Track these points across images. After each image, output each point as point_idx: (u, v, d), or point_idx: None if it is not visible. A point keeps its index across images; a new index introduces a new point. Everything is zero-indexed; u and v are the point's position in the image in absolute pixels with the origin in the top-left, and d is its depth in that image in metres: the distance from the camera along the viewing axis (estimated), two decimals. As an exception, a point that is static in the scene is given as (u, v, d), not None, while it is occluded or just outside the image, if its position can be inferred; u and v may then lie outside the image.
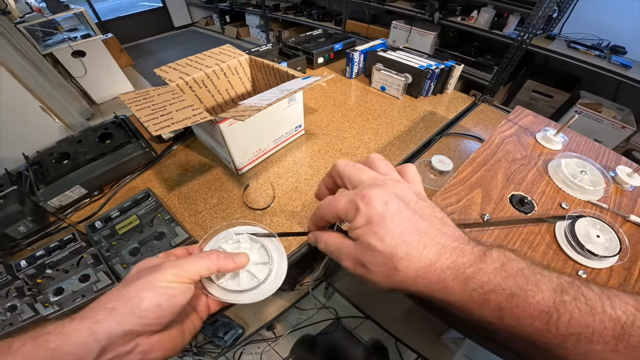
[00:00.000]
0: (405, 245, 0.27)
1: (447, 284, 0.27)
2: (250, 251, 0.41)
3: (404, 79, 1.14)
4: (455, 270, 0.26)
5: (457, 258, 0.27)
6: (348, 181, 0.34)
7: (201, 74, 0.89)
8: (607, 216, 0.59)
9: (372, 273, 0.29)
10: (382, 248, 0.28)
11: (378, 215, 0.28)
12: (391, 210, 0.28)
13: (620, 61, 1.97)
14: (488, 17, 2.32)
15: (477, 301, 0.26)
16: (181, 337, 0.34)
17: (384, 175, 0.33)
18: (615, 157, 0.75)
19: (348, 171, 0.34)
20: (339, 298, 1.61)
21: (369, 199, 0.29)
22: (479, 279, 0.26)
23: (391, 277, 0.28)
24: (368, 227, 0.29)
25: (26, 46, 2.52)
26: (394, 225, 0.28)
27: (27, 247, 0.74)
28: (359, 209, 0.29)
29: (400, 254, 0.27)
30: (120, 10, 5.39)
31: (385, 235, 0.28)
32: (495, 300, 0.25)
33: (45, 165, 0.83)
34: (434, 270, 0.27)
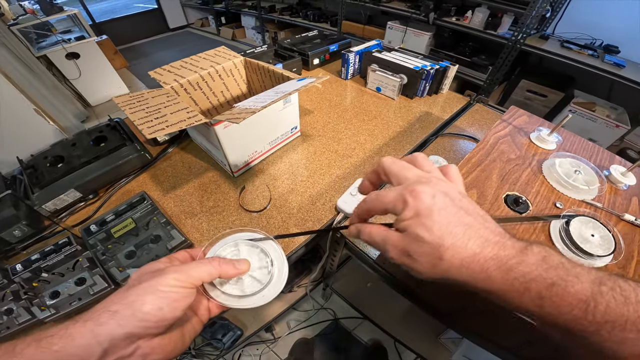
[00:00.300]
0: (451, 236, 0.29)
1: (490, 273, 0.28)
2: (250, 257, 0.42)
3: (399, 80, 1.15)
4: (498, 261, 0.28)
5: (500, 251, 0.28)
6: (394, 177, 0.35)
7: (196, 76, 0.89)
8: (601, 215, 0.60)
9: (418, 263, 0.31)
10: (430, 239, 0.29)
11: (426, 209, 0.30)
12: (438, 204, 0.30)
13: (613, 60, 1.98)
14: (482, 17, 2.33)
15: (519, 290, 0.27)
16: (181, 340, 0.35)
17: (428, 173, 0.35)
18: (609, 156, 0.76)
19: (394, 168, 0.35)
20: (337, 299, 1.61)
21: (417, 193, 0.31)
22: (521, 269, 0.27)
23: (436, 266, 0.30)
24: (416, 219, 0.30)
25: (20, 48, 2.50)
26: (441, 217, 0.29)
27: (23, 251, 0.74)
28: (408, 202, 0.31)
29: (446, 244, 0.29)
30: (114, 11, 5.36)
31: (433, 226, 0.29)
32: (535, 289, 0.26)
33: (39, 168, 0.83)
34: (477, 261, 0.28)
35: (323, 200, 0.81)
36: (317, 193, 0.83)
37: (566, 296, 0.25)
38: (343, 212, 0.76)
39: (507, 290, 0.27)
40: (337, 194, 0.82)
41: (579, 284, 0.26)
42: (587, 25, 2.23)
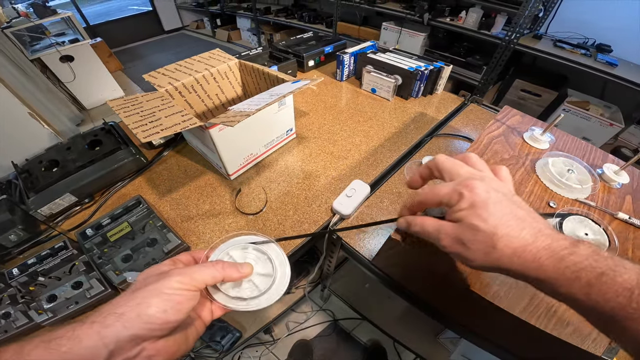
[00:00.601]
0: (505, 226, 0.31)
1: (542, 262, 0.29)
2: (253, 260, 0.42)
3: (394, 81, 1.15)
4: (551, 251, 0.29)
5: (552, 242, 0.30)
6: (447, 173, 0.37)
7: (190, 79, 0.89)
8: (595, 214, 0.60)
9: (470, 251, 0.32)
10: (485, 228, 0.31)
11: (481, 201, 0.32)
12: (493, 198, 0.32)
13: (606, 59, 2.00)
14: (476, 17, 2.35)
15: (569, 278, 0.28)
16: (185, 342, 0.35)
17: (480, 171, 0.37)
18: (602, 155, 0.76)
19: (448, 165, 0.38)
20: (336, 300, 1.61)
21: (472, 187, 0.33)
22: (573, 259, 0.28)
23: (489, 254, 0.31)
24: (472, 210, 0.32)
25: (13, 51, 2.49)
26: (495, 209, 0.31)
27: (19, 255, 0.74)
28: (463, 195, 0.33)
29: (500, 234, 0.31)
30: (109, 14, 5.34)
31: (489, 217, 0.31)
32: (585, 278, 0.27)
33: (34, 173, 0.82)
34: (530, 250, 0.30)
35: (319, 202, 0.81)
36: (313, 195, 0.83)
37: (613, 285, 0.26)
38: (339, 214, 0.76)
39: (558, 278, 0.29)
40: (333, 195, 0.82)
41: (627, 273, 0.27)
42: (580, 24, 2.25)
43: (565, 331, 0.44)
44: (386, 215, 0.77)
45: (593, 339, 0.43)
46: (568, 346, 0.43)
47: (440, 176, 0.39)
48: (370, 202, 0.81)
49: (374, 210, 0.79)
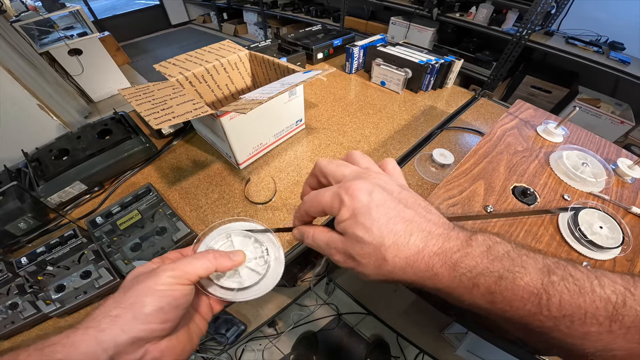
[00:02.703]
0: (392, 234, 0.27)
1: (437, 270, 0.27)
2: (244, 248, 0.40)
3: (403, 74, 1.14)
4: (443, 256, 0.27)
5: (444, 243, 0.27)
6: (332, 177, 0.34)
7: (201, 69, 0.89)
8: (609, 208, 0.59)
9: (362, 265, 0.29)
10: (370, 239, 0.28)
11: (363, 207, 0.28)
12: (376, 201, 0.28)
13: (618, 57, 1.97)
14: (487, 13, 2.32)
15: (467, 286, 0.26)
16: (189, 341, 0.34)
17: (366, 169, 0.33)
18: (615, 150, 0.75)
19: (331, 168, 0.34)
20: (341, 294, 1.61)
21: (352, 191, 0.29)
22: (467, 263, 0.26)
23: (381, 267, 0.28)
24: (354, 219, 0.28)
25: (22, 45, 2.50)
26: (379, 215, 0.28)
27: (28, 244, 0.74)
28: (344, 201, 0.29)
29: (387, 243, 0.27)
30: (116, 8, 5.34)
31: (372, 226, 0.28)
32: (484, 284, 0.25)
33: (44, 161, 0.83)
34: (422, 258, 0.27)
35: (328, 192, 0.81)
36: (323, 186, 0.83)
37: (516, 290, 0.24)
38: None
39: (456, 287, 0.26)
40: (343, 186, 0.82)
41: (527, 275, 0.24)
42: (593, 21, 2.22)
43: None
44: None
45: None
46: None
47: (327, 182, 0.35)
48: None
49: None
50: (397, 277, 0.28)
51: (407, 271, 0.27)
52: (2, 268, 0.61)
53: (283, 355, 1.47)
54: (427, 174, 0.85)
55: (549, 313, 0.23)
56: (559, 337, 0.24)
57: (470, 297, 0.26)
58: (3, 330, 0.57)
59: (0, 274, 0.61)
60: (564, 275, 0.24)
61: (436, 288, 0.28)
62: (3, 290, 0.60)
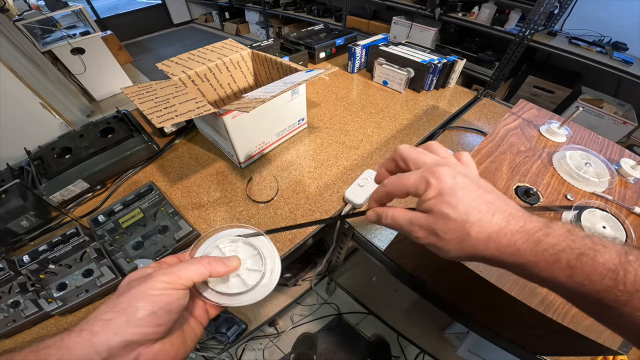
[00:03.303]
0: (476, 212, 0.30)
1: (519, 246, 0.28)
2: (241, 254, 0.41)
3: (406, 73, 1.14)
4: (525, 234, 0.28)
5: (526, 224, 0.29)
6: (412, 162, 0.36)
7: (203, 67, 0.89)
8: (612, 208, 0.59)
9: (445, 241, 0.31)
10: (455, 215, 0.30)
11: (449, 188, 0.31)
12: (460, 183, 0.31)
13: (621, 57, 1.96)
14: (489, 13, 2.31)
15: (549, 260, 0.27)
16: (183, 345, 0.34)
17: (444, 158, 0.36)
18: (619, 150, 0.75)
19: (412, 154, 0.36)
20: (341, 293, 1.61)
21: (439, 174, 0.31)
22: (549, 241, 0.28)
23: (463, 242, 0.30)
24: (440, 197, 0.31)
25: (25, 44, 2.50)
26: (464, 195, 0.30)
27: (30, 242, 0.74)
28: (430, 183, 0.31)
29: (472, 220, 0.29)
30: (118, 7, 5.34)
31: (458, 204, 0.30)
32: (565, 259, 0.27)
33: (47, 160, 0.83)
34: (504, 234, 0.29)
35: (330, 191, 0.81)
36: (325, 184, 0.83)
37: (596, 265, 0.26)
38: (351, 203, 0.75)
39: (537, 261, 0.28)
40: (345, 185, 0.82)
41: (607, 253, 0.26)
42: (596, 21, 2.21)
43: (583, 325, 0.43)
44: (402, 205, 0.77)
45: (609, 333, 0.42)
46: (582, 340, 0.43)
47: (405, 166, 0.37)
48: (382, 193, 0.80)
49: (386, 201, 0.78)
50: (478, 252, 0.30)
51: (490, 246, 0.29)
52: (4, 266, 0.62)
53: (283, 355, 1.47)
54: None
55: (625, 288, 0.25)
56: (630, 311, 0.25)
57: (551, 271, 0.28)
58: (5, 328, 0.57)
59: (2, 272, 0.61)
60: (638, 256, 0.26)
61: (516, 263, 0.29)
62: (5, 289, 0.60)
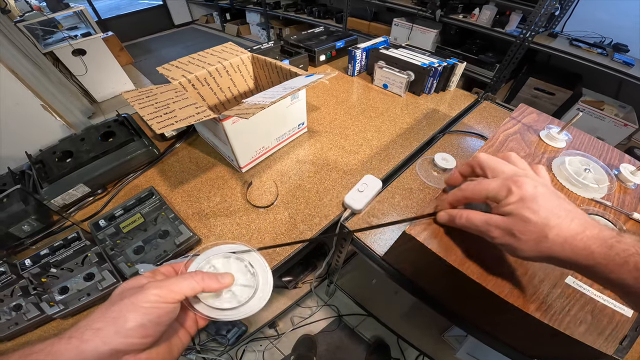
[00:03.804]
0: (556, 217, 0.33)
1: (593, 250, 0.31)
2: (233, 270, 0.41)
3: (406, 77, 1.14)
4: (601, 240, 0.31)
5: (601, 232, 0.32)
6: (490, 170, 0.40)
7: (204, 71, 0.89)
8: (610, 214, 0.59)
9: (522, 241, 0.35)
10: (536, 219, 0.34)
11: (531, 195, 0.35)
12: (541, 192, 0.35)
13: (622, 59, 1.96)
14: (490, 14, 2.31)
15: (618, 262, 0.30)
16: (169, 354, 0.35)
17: (523, 169, 0.40)
18: (618, 155, 0.75)
19: (491, 162, 0.40)
20: (342, 296, 1.61)
21: (521, 183, 0.35)
22: (621, 246, 0.30)
23: (540, 243, 0.34)
24: (521, 203, 0.35)
25: (26, 45, 2.51)
26: (545, 202, 0.34)
27: (31, 246, 0.74)
28: (512, 190, 0.36)
29: (552, 224, 0.33)
30: (120, 8, 5.36)
31: (539, 209, 0.34)
32: (633, 262, 0.29)
33: (48, 163, 0.83)
34: (580, 239, 0.32)
35: (330, 196, 0.81)
36: (325, 189, 0.83)
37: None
38: (350, 208, 0.75)
39: (607, 264, 0.31)
40: (345, 190, 0.82)
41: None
42: (597, 23, 2.21)
43: (578, 330, 0.43)
44: (398, 210, 0.77)
45: (605, 337, 0.43)
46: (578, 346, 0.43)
47: (483, 173, 0.41)
48: (382, 197, 0.80)
49: (386, 206, 0.78)
50: (554, 253, 0.34)
51: (565, 248, 0.33)
52: (6, 270, 0.62)
53: (284, 356, 1.47)
54: (430, 178, 0.85)
55: None
56: None
57: (619, 273, 0.30)
58: (7, 331, 0.58)
59: (5, 275, 0.61)
60: None
61: (587, 265, 0.32)
62: (7, 292, 0.60)
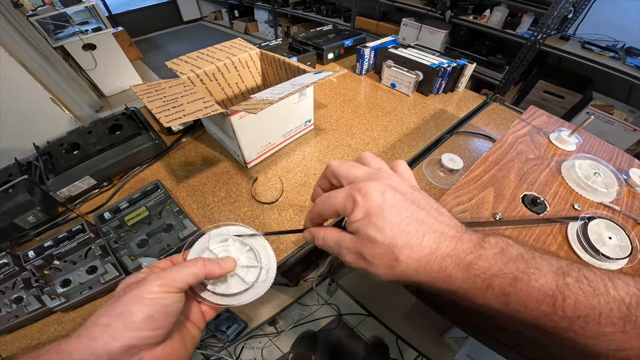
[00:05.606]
0: (404, 234, 0.28)
1: (450, 272, 0.27)
2: (238, 254, 0.40)
3: (414, 76, 1.13)
4: (456, 257, 0.27)
5: (457, 245, 0.27)
6: (344, 179, 0.34)
7: (212, 67, 0.89)
8: (619, 218, 0.58)
9: (374, 266, 0.29)
10: (382, 239, 0.28)
11: (376, 207, 0.29)
12: (389, 201, 0.29)
13: (634, 63, 1.93)
14: (501, 16, 2.29)
15: (481, 287, 0.26)
16: (184, 348, 0.34)
17: (377, 170, 0.34)
18: (628, 160, 0.74)
19: (343, 169, 0.34)
20: (342, 295, 1.61)
21: (366, 192, 0.29)
22: (481, 264, 0.26)
23: (393, 268, 0.28)
24: (367, 219, 0.29)
25: (37, 39, 2.54)
26: (392, 215, 0.28)
27: (36, 237, 0.75)
28: (357, 201, 0.29)
29: (400, 244, 0.28)
30: (130, 4, 5.38)
31: (385, 226, 0.28)
32: (499, 286, 0.25)
33: (55, 155, 0.84)
34: (435, 259, 0.27)
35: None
36: (330, 187, 0.82)
37: (531, 291, 0.24)
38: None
39: (469, 288, 0.27)
40: (350, 189, 0.81)
41: (542, 277, 0.25)
42: (610, 26, 2.17)
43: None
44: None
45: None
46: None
47: (338, 183, 0.35)
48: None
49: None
50: (410, 277, 0.28)
51: (420, 272, 0.28)
52: (9, 261, 0.62)
53: (282, 354, 1.47)
54: (436, 178, 0.84)
55: (564, 314, 0.24)
56: (573, 337, 0.24)
57: (484, 298, 0.26)
58: (7, 324, 0.58)
59: (7, 267, 0.61)
60: (578, 277, 0.25)
61: (449, 290, 0.28)
62: (9, 284, 0.60)
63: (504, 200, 0.60)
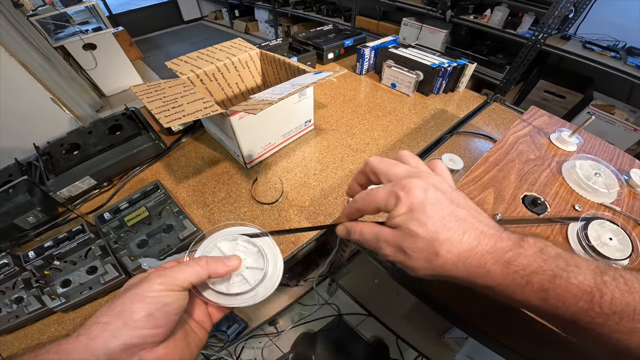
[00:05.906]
0: (446, 230, 0.28)
1: (489, 268, 0.27)
2: (244, 253, 0.40)
3: (415, 76, 1.13)
4: (496, 254, 0.27)
5: (497, 243, 0.28)
6: (383, 175, 0.34)
7: (212, 67, 0.89)
8: (619, 219, 0.58)
9: (413, 259, 0.30)
10: (424, 233, 0.29)
11: (419, 203, 0.29)
12: (430, 199, 0.29)
13: (635, 63, 1.93)
14: (502, 16, 2.28)
15: (520, 283, 0.27)
16: (188, 349, 0.33)
17: (416, 168, 0.35)
18: (629, 160, 0.74)
19: (383, 166, 0.35)
20: (342, 295, 1.61)
21: (409, 189, 0.30)
22: (520, 262, 0.27)
23: (432, 261, 0.29)
24: (409, 214, 0.29)
25: (38, 38, 2.54)
26: (434, 212, 0.29)
27: (36, 237, 0.75)
28: (400, 198, 0.30)
29: (441, 239, 0.28)
30: (130, 3, 5.38)
31: (427, 221, 0.29)
32: (538, 282, 0.26)
33: (55, 155, 0.84)
34: (474, 255, 0.28)
35: (335, 194, 0.81)
36: (330, 187, 0.83)
37: (570, 287, 0.25)
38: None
39: (509, 284, 0.27)
40: (350, 189, 0.81)
41: (581, 274, 0.25)
42: (611, 26, 2.17)
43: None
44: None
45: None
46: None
47: (377, 180, 0.36)
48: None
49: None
50: (448, 272, 0.29)
51: (459, 267, 0.28)
52: (10, 262, 0.62)
53: (282, 354, 1.47)
54: (436, 178, 0.84)
55: (601, 310, 0.24)
56: (606, 332, 0.25)
57: (523, 294, 0.27)
58: (7, 324, 0.58)
59: (8, 267, 0.61)
60: (614, 276, 0.25)
61: (487, 285, 0.28)
62: (9, 284, 0.60)
63: (504, 201, 0.60)
